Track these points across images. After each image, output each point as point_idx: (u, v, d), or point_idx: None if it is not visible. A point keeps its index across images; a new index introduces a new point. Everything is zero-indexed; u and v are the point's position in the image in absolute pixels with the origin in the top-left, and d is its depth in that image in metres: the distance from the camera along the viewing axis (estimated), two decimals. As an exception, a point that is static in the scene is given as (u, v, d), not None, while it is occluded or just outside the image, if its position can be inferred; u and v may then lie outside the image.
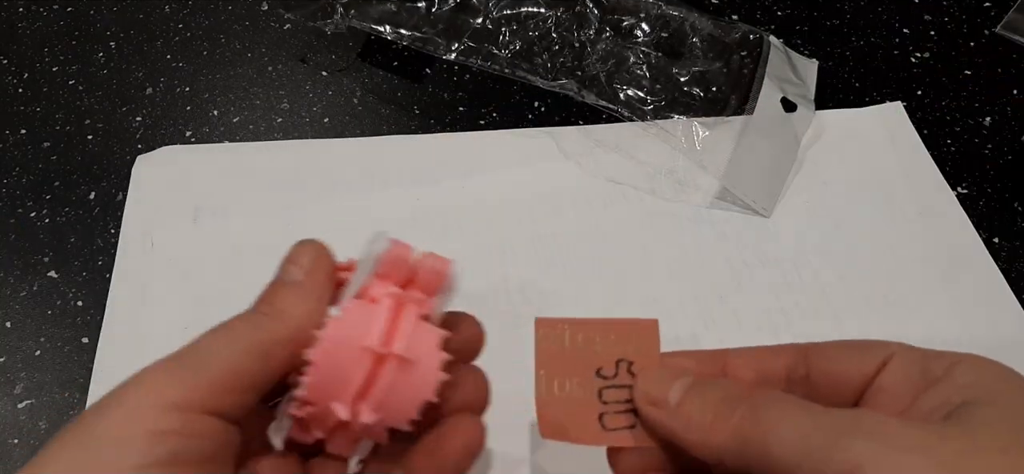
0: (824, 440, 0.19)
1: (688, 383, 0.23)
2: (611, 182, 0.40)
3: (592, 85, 0.42)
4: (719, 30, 0.45)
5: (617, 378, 0.24)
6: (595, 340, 0.24)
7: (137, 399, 0.20)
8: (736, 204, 0.39)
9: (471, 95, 0.44)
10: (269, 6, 0.49)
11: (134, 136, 0.42)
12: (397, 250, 0.24)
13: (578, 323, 0.25)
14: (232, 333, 0.22)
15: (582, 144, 0.41)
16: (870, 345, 0.23)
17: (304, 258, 0.25)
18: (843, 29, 0.48)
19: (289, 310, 0.23)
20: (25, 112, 0.44)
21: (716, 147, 0.40)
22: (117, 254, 0.37)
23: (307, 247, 0.25)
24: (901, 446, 0.18)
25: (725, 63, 0.44)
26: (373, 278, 0.24)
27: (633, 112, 0.41)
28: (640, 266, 0.37)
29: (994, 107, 0.44)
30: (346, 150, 0.41)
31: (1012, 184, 0.41)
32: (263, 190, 0.40)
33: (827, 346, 0.24)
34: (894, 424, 0.19)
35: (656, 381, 0.23)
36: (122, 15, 0.49)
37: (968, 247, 0.37)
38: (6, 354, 0.34)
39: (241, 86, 0.45)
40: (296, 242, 0.25)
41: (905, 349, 0.22)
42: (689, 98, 0.42)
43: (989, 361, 0.21)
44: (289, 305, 0.23)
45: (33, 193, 0.40)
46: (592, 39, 0.44)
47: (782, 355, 0.24)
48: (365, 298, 0.23)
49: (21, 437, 0.32)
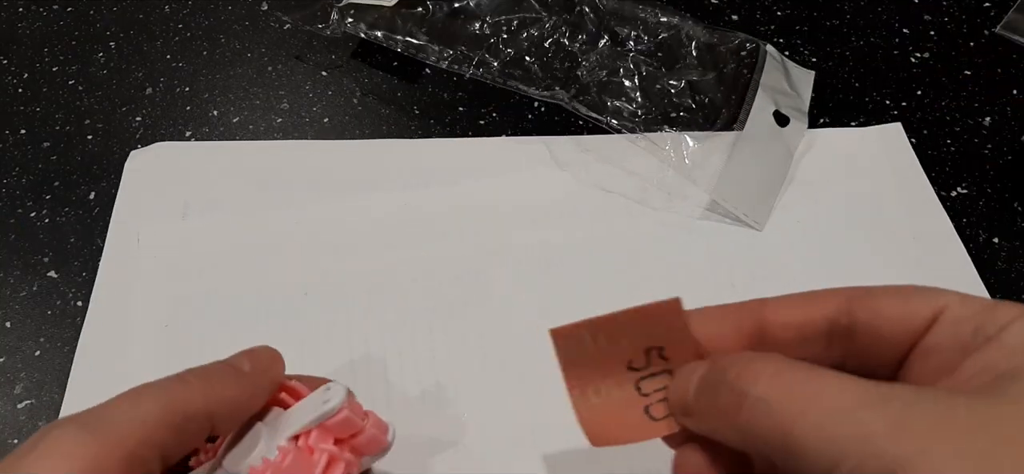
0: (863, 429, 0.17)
1: (699, 379, 0.21)
2: (603, 192, 0.39)
3: (583, 95, 0.42)
4: (716, 37, 0.45)
5: (651, 366, 0.23)
6: (619, 336, 0.23)
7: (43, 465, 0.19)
8: (728, 217, 0.39)
9: (471, 96, 0.44)
10: (269, 6, 0.50)
11: (134, 136, 0.42)
12: (350, 416, 0.25)
13: (597, 323, 0.23)
14: (147, 395, 0.22)
15: (575, 153, 0.41)
16: (920, 293, 0.21)
17: (259, 358, 0.25)
18: (843, 29, 0.48)
19: (219, 388, 0.23)
20: (25, 112, 0.44)
21: (706, 160, 0.40)
22: (104, 249, 0.37)
23: (266, 351, 0.25)
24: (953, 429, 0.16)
25: (719, 73, 0.44)
26: (315, 428, 0.24)
27: (622, 124, 0.40)
28: (629, 276, 0.37)
29: (994, 107, 0.44)
30: (337, 152, 0.41)
31: (1012, 184, 0.41)
32: (253, 190, 0.40)
33: (873, 293, 0.21)
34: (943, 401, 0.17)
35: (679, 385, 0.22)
36: (122, 15, 0.49)
37: (962, 278, 0.37)
38: (6, 354, 0.34)
39: (241, 86, 0.45)
40: (258, 345, 0.26)
41: (959, 301, 0.20)
42: (680, 109, 0.42)
43: None
44: (222, 384, 0.23)
45: (33, 193, 0.40)
46: (586, 48, 0.44)
47: (824, 304, 0.22)
48: (302, 442, 0.24)
49: (21, 437, 0.32)
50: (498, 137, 0.42)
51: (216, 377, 0.23)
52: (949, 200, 0.40)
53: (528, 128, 0.43)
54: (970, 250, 0.37)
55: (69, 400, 0.32)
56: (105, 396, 0.21)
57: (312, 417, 0.24)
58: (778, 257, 0.37)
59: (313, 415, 0.24)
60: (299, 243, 0.37)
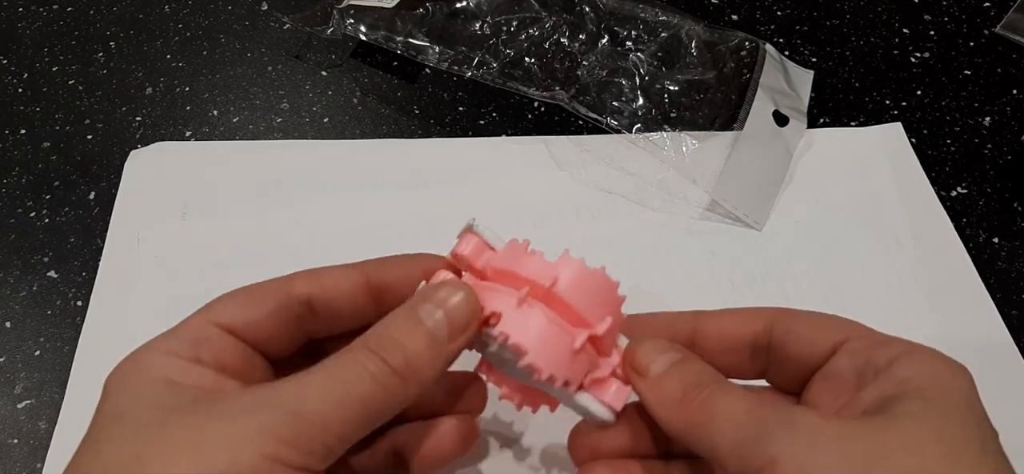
0: (752, 433, 0.20)
1: (673, 359, 0.23)
2: (602, 192, 0.39)
3: (583, 96, 0.42)
4: (716, 36, 0.45)
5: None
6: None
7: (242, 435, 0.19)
8: (727, 218, 0.39)
9: (471, 95, 0.44)
10: (269, 6, 0.50)
11: (134, 136, 0.42)
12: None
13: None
14: (342, 382, 0.21)
15: (574, 153, 0.41)
16: (829, 323, 0.23)
17: (457, 309, 0.23)
18: (842, 29, 0.48)
19: (420, 370, 0.22)
20: (25, 112, 0.44)
21: (706, 160, 0.40)
22: (104, 249, 0.37)
23: (463, 298, 0.23)
24: (817, 442, 0.19)
25: (719, 73, 0.44)
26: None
27: (622, 124, 0.40)
28: (629, 276, 0.36)
29: (994, 107, 0.44)
30: (337, 152, 0.41)
31: (1012, 184, 0.41)
32: (253, 190, 0.40)
33: (793, 317, 0.24)
34: (814, 419, 0.20)
35: (646, 350, 0.24)
36: (122, 15, 0.49)
37: (962, 277, 0.36)
38: (6, 354, 0.34)
39: (241, 86, 0.45)
40: (444, 281, 0.24)
41: (859, 334, 0.23)
42: (680, 109, 0.42)
43: (934, 355, 0.21)
44: (422, 363, 0.22)
45: (33, 193, 0.40)
46: (586, 48, 0.44)
47: (753, 322, 0.24)
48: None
49: (21, 437, 0.32)
50: (498, 137, 0.42)
51: (412, 351, 0.22)
52: (949, 200, 0.40)
53: (528, 128, 0.43)
54: (970, 250, 0.37)
55: (69, 400, 0.32)
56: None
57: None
58: (777, 257, 0.37)
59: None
60: (299, 243, 0.37)
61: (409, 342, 0.22)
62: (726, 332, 0.25)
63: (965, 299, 0.36)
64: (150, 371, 0.21)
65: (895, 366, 0.21)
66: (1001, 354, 0.34)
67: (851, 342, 0.22)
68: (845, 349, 0.22)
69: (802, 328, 0.23)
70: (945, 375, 0.20)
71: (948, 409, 0.19)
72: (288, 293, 0.24)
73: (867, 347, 0.22)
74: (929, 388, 0.20)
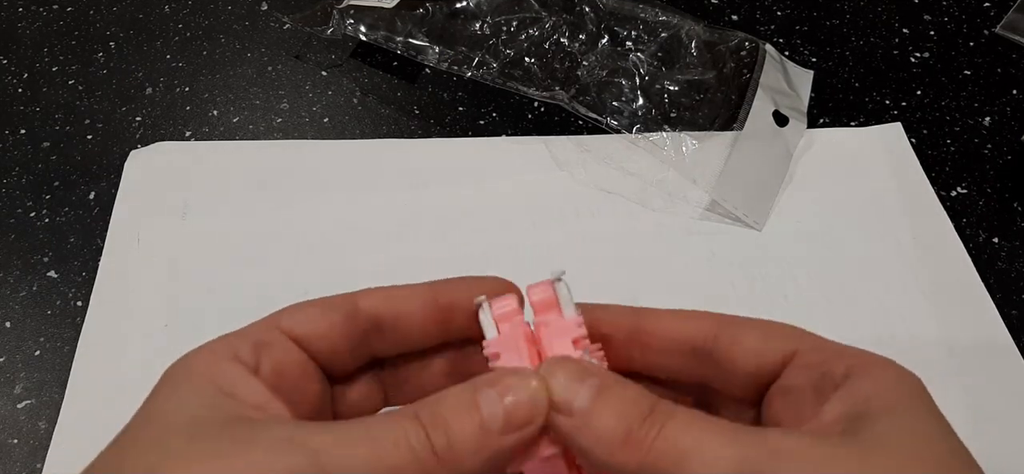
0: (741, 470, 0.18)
1: (595, 385, 0.20)
2: (602, 192, 0.39)
3: (583, 96, 0.42)
4: (716, 36, 0.45)
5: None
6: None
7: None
8: (727, 218, 0.38)
9: (471, 95, 0.44)
10: (269, 6, 0.50)
11: (134, 136, 0.42)
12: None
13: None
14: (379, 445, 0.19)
15: (574, 153, 0.41)
16: (780, 332, 0.22)
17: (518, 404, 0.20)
18: (842, 29, 0.48)
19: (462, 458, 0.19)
20: (25, 112, 0.44)
21: (706, 160, 0.40)
22: (104, 249, 0.37)
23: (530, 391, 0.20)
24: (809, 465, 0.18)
25: (718, 73, 0.44)
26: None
27: (622, 124, 0.40)
28: (629, 277, 0.37)
29: (994, 107, 0.44)
30: (337, 152, 0.41)
31: (1012, 184, 0.41)
32: (254, 190, 0.40)
33: (740, 325, 0.23)
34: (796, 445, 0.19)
35: (560, 384, 0.20)
36: (122, 15, 0.49)
37: (962, 277, 0.36)
38: (6, 354, 0.34)
39: (240, 86, 0.45)
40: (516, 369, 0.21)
41: (810, 346, 0.22)
42: (680, 109, 0.42)
43: (887, 364, 0.21)
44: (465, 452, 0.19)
45: (33, 193, 0.40)
46: (585, 48, 0.44)
47: (696, 324, 0.23)
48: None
49: (21, 437, 0.32)
50: (498, 137, 0.42)
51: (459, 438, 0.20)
52: (949, 200, 0.40)
53: (528, 128, 0.43)
54: (970, 250, 0.37)
55: (69, 400, 0.32)
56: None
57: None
58: (777, 257, 0.37)
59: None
60: (299, 243, 0.37)
61: (458, 425, 0.20)
62: (668, 332, 0.23)
63: (965, 299, 0.36)
64: (200, 376, 0.20)
65: (853, 381, 0.20)
66: (1001, 354, 0.34)
67: (802, 355, 0.21)
68: (797, 362, 0.21)
69: (749, 338, 0.22)
70: (904, 388, 0.20)
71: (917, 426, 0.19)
72: (357, 306, 0.23)
73: (820, 360, 0.21)
74: (896, 404, 0.19)
